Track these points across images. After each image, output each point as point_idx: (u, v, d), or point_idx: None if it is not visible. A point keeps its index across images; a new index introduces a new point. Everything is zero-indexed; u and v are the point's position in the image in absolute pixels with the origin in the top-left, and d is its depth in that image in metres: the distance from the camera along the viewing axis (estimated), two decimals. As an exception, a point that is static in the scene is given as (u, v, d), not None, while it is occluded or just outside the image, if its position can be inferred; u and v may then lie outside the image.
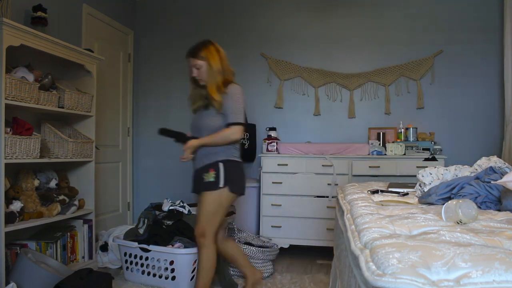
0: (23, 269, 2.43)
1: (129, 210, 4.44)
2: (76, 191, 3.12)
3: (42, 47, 2.66)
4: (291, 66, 4.20)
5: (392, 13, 4.04)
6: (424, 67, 3.95)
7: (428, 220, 1.28)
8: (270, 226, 3.69)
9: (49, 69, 2.95)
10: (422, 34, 3.96)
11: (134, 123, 4.54)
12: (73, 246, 3.07)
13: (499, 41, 3.76)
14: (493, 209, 1.62)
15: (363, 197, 1.94)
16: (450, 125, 3.91)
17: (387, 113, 4.03)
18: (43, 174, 2.90)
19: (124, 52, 4.36)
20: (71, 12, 3.48)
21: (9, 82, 2.39)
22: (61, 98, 2.87)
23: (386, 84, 4.03)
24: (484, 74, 3.85)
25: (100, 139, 3.69)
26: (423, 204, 1.81)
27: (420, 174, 2.03)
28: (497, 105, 3.82)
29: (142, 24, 4.55)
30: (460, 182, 1.77)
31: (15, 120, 2.55)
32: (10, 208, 2.48)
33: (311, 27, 4.18)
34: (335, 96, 4.14)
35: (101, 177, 3.81)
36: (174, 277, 2.82)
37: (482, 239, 1.06)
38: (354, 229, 1.33)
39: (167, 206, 3.08)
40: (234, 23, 4.32)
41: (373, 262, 0.94)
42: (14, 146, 2.44)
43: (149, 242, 2.89)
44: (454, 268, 0.85)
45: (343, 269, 1.53)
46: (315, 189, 3.63)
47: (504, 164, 1.90)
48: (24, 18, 2.87)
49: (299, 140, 4.10)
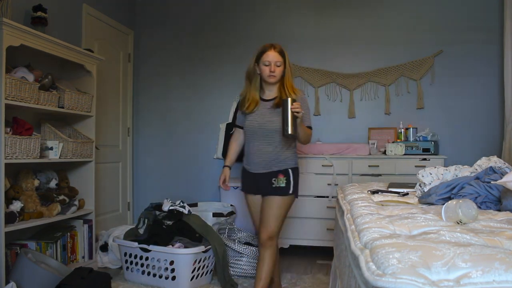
0: (23, 269, 2.43)
1: (129, 210, 4.43)
2: (76, 191, 3.12)
3: (42, 47, 2.66)
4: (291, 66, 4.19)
5: (392, 13, 4.03)
6: (424, 67, 3.95)
7: (428, 220, 1.28)
8: (270, 226, 3.69)
9: (49, 69, 2.95)
10: (422, 34, 3.96)
11: (134, 123, 4.53)
12: (73, 246, 3.07)
13: (499, 41, 3.76)
14: (493, 209, 1.63)
15: (363, 197, 1.94)
16: (450, 125, 3.90)
17: (387, 113, 4.03)
18: (43, 174, 2.90)
19: (124, 52, 4.36)
20: (71, 12, 3.48)
21: (9, 82, 2.39)
22: (61, 98, 2.87)
23: (386, 84, 4.03)
24: (484, 74, 3.85)
25: (100, 139, 3.69)
26: (423, 204, 1.81)
27: (420, 174, 2.03)
28: (497, 105, 3.82)
29: (142, 24, 4.55)
30: (460, 182, 1.77)
31: (15, 120, 2.55)
32: (10, 208, 2.48)
33: (311, 27, 4.18)
34: (335, 96, 4.14)
35: (101, 177, 3.81)
36: (174, 277, 2.82)
37: (482, 239, 1.06)
38: (354, 229, 1.33)
39: (167, 206, 3.08)
40: (234, 23, 4.32)
41: (373, 262, 0.94)
42: (14, 146, 2.44)
43: (149, 242, 2.89)
44: (454, 268, 0.85)
45: (343, 269, 1.53)
46: (315, 189, 3.62)
47: (504, 164, 1.90)
48: (24, 18, 2.87)
49: (299, 140, 4.09)
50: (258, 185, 2.43)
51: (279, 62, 2.35)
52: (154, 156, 4.47)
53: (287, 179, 2.38)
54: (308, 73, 4.16)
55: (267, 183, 2.38)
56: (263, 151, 2.38)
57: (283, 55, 2.38)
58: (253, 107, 2.40)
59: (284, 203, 2.39)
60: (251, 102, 2.41)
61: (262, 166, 2.40)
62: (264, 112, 2.40)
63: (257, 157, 2.40)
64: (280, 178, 2.36)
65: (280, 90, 2.40)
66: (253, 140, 2.42)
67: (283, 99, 2.23)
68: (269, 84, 2.41)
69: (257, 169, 2.42)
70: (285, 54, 2.39)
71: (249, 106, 2.41)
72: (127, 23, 4.39)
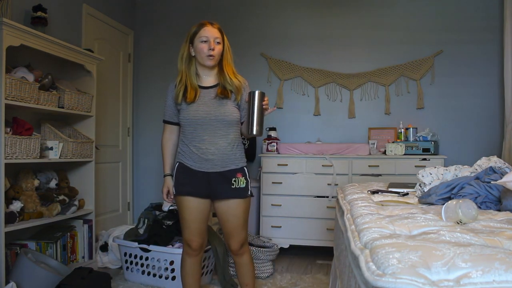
0: (23, 269, 2.43)
1: (129, 210, 4.43)
2: (76, 191, 3.12)
3: (42, 47, 2.66)
4: (291, 66, 4.21)
5: (392, 13, 4.04)
6: (424, 67, 3.95)
7: (428, 220, 1.28)
8: (270, 226, 3.69)
9: (49, 69, 2.95)
10: (422, 34, 3.96)
11: (134, 123, 4.54)
12: (73, 246, 3.07)
13: (499, 41, 3.76)
14: (493, 209, 1.62)
15: (363, 197, 1.94)
16: (450, 125, 3.91)
17: (387, 113, 4.03)
18: (43, 174, 2.90)
19: (124, 52, 4.36)
20: (71, 12, 3.48)
21: (9, 82, 2.39)
22: (61, 98, 2.87)
23: (386, 84, 4.03)
24: (484, 74, 3.85)
25: (100, 139, 3.69)
26: (423, 204, 1.81)
27: (420, 174, 2.03)
28: (497, 105, 3.82)
29: (142, 24, 4.55)
30: (460, 182, 1.77)
31: (15, 120, 2.55)
32: (10, 208, 2.48)
33: (311, 27, 4.18)
34: (335, 96, 4.14)
35: (101, 177, 3.81)
36: (174, 277, 2.82)
37: (482, 239, 1.06)
38: (354, 229, 1.33)
39: (167, 206, 3.08)
40: (234, 23, 4.32)
41: (373, 262, 0.94)
42: (14, 146, 2.44)
43: (149, 242, 2.89)
44: (454, 268, 0.85)
45: (343, 269, 1.53)
46: (315, 189, 3.63)
47: (504, 164, 1.90)
48: (24, 18, 2.87)
49: (299, 140, 4.10)
50: (211, 186, 2.08)
51: (218, 39, 2.05)
52: (154, 156, 4.47)
53: (245, 178, 2.11)
54: (308, 73, 4.17)
55: (224, 184, 2.07)
56: (218, 146, 2.06)
57: (222, 33, 2.09)
58: (193, 96, 2.06)
59: (247, 206, 2.14)
60: (191, 90, 2.06)
61: (218, 164, 2.06)
62: (207, 101, 2.06)
63: (209, 153, 2.05)
64: (240, 178, 2.08)
65: (220, 75, 2.10)
66: (200, 133, 2.06)
67: (249, 92, 1.93)
68: (205, 68, 2.09)
69: (210, 167, 2.06)
70: (224, 33, 2.10)
71: (190, 95, 2.06)
72: (127, 23, 4.39)
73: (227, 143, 2.09)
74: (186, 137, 2.12)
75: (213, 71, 2.13)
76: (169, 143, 2.21)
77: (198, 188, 2.09)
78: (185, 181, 2.11)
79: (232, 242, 2.15)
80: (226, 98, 2.08)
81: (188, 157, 2.10)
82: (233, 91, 2.10)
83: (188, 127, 2.09)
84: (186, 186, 2.10)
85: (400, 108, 4.00)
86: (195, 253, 2.18)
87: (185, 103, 2.08)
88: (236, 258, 2.21)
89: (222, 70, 2.11)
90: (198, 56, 2.07)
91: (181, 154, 2.15)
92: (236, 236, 2.14)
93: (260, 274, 3.06)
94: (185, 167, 2.11)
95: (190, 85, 2.08)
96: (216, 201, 2.13)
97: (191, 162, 2.10)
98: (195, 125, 2.07)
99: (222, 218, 2.14)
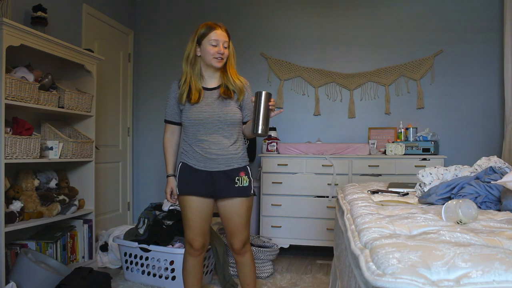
0: (23, 269, 2.43)
1: (129, 210, 4.43)
2: (76, 191, 3.12)
3: (42, 47, 2.66)
4: (291, 66, 4.21)
5: (392, 13, 4.04)
6: (424, 67, 3.96)
7: (428, 220, 1.28)
8: (270, 226, 3.69)
9: (49, 69, 2.95)
10: (422, 34, 3.96)
11: (134, 123, 4.54)
12: (73, 246, 3.07)
13: (499, 41, 3.76)
14: (493, 209, 1.62)
15: (363, 197, 1.94)
16: (450, 125, 3.91)
17: (387, 113, 4.03)
18: (43, 174, 2.90)
19: (124, 52, 4.36)
20: (71, 12, 3.48)
21: (9, 82, 2.39)
22: (61, 98, 2.87)
23: (386, 84, 4.03)
24: (484, 74, 3.85)
25: (100, 139, 3.69)
26: (423, 204, 1.81)
27: (420, 174, 2.03)
28: (497, 105, 3.82)
29: (142, 24, 4.55)
30: (460, 182, 1.77)
31: (15, 120, 2.55)
32: (10, 208, 2.48)
33: (311, 27, 4.18)
34: (335, 96, 4.14)
35: (101, 177, 3.81)
36: (174, 277, 2.82)
37: (482, 239, 1.05)
38: (354, 229, 1.32)
39: (167, 206, 3.08)
40: (234, 23, 4.32)
41: (373, 262, 0.94)
42: (14, 146, 2.44)
43: (149, 242, 2.89)
44: (454, 268, 0.85)
45: (343, 269, 1.53)
46: (315, 189, 3.63)
47: (504, 164, 1.90)
48: (24, 18, 2.87)
49: (299, 140, 4.10)
50: (214, 185, 2.10)
51: (226, 43, 2.07)
52: (154, 156, 4.47)
53: (248, 177, 2.14)
54: (308, 73, 4.17)
55: (228, 183, 2.09)
56: (221, 146, 2.08)
57: (229, 36, 2.10)
58: (197, 97, 2.07)
59: (250, 205, 2.16)
60: (195, 91, 2.08)
61: (222, 163, 2.09)
62: (211, 102, 2.09)
63: (213, 153, 2.08)
64: (243, 177, 2.11)
65: (224, 77, 2.12)
66: (204, 133, 2.08)
67: (256, 92, 1.94)
68: (210, 69, 2.11)
69: (214, 166, 2.09)
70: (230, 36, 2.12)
71: (194, 96, 2.07)
72: (127, 23, 4.40)
73: (231, 142, 2.12)
74: (189, 137, 2.14)
75: (217, 73, 2.15)
76: (171, 143, 2.22)
77: (201, 187, 2.11)
78: (188, 181, 2.13)
79: (234, 241, 2.16)
80: (229, 99, 2.11)
81: (192, 156, 2.12)
82: (236, 92, 2.13)
83: (191, 127, 2.11)
84: (190, 186, 2.12)
85: (400, 108, 4.00)
86: (197, 253, 2.19)
87: (189, 104, 2.09)
88: (238, 258, 2.22)
89: (226, 71, 2.13)
90: (205, 57, 2.08)
91: (184, 154, 2.16)
92: (239, 235, 2.15)
93: (260, 274, 3.06)
94: (188, 166, 2.13)
95: (194, 87, 2.09)
96: (219, 200, 2.14)
97: (195, 162, 2.11)
98: (198, 125, 2.08)
99: (225, 216, 2.15)
